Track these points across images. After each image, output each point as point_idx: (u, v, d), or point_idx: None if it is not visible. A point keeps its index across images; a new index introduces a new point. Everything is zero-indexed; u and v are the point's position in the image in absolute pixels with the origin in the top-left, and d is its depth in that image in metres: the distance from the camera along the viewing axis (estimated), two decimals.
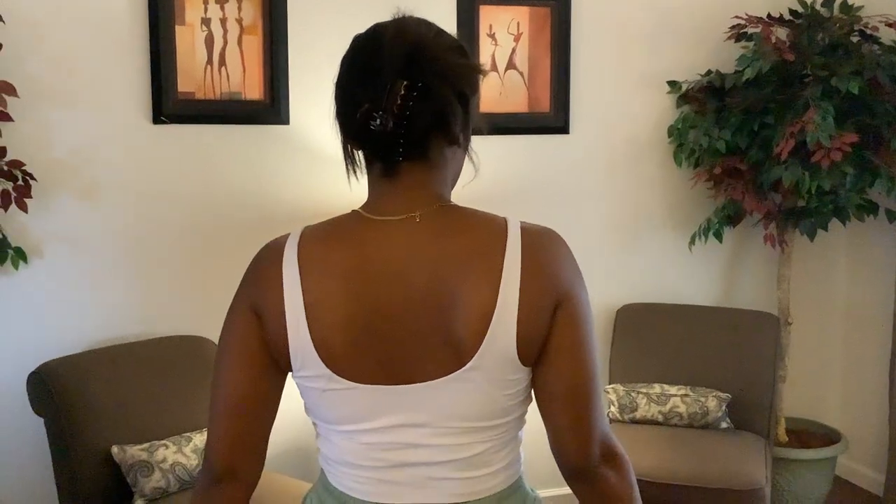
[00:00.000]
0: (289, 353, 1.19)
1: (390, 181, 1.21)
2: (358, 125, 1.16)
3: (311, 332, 1.17)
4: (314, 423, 1.30)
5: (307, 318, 1.17)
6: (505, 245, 1.16)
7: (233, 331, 1.24)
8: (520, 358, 1.16)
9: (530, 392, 1.23)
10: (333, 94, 1.25)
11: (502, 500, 1.25)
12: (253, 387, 1.23)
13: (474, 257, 1.16)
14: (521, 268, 1.15)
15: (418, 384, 1.18)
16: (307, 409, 1.28)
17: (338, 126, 1.25)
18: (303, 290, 1.18)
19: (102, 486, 2.63)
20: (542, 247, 1.19)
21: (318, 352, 1.17)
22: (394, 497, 1.23)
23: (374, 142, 1.17)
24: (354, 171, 1.26)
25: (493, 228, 1.19)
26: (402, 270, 1.17)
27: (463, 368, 1.16)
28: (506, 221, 1.20)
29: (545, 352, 1.18)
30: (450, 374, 1.16)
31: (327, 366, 1.18)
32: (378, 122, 1.13)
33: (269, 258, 1.24)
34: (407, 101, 1.13)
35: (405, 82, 1.13)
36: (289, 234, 1.24)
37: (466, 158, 1.30)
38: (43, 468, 2.78)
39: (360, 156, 1.25)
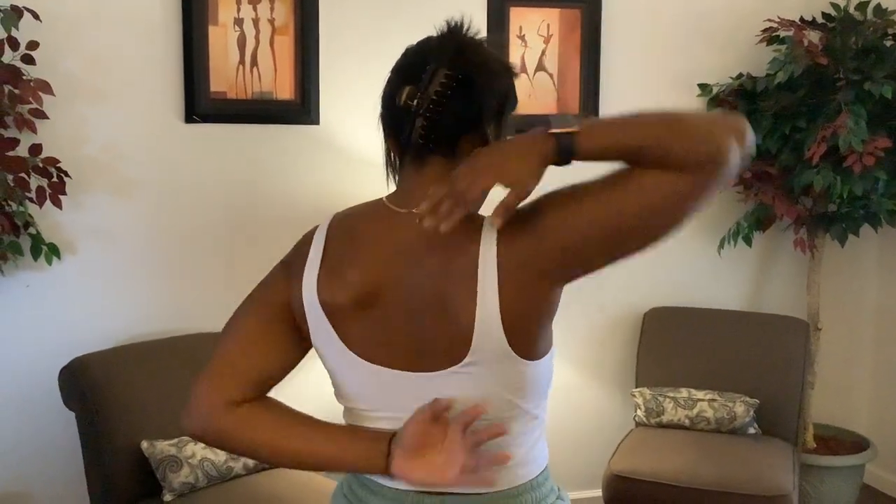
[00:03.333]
0: (305, 313, 1.26)
1: (418, 173, 1.25)
2: (398, 108, 1.20)
3: (319, 294, 1.24)
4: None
5: (318, 282, 1.24)
6: (480, 234, 1.17)
7: (262, 284, 1.35)
8: (513, 347, 1.17)
9: (541, 389, 1.24)
10: (381, 96, 1.28)
11: (523, 493, 1.26)
12: (262, 332, 1.30)
13: (457, 251, 1.18)
14: (497, 253, 1.15)
15: (422, 374, 1.21)
16: (333, 384, 1.33)
17: (381, 127, 1.29)
18: (322, 258, 1.25)
19: (132, 480, 2.66)
20: (517, 218, 1.16)
21: (326, 313, 1.24)
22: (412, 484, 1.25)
23: (408, 128, 1.20)
24: (394, 176, 1.31)
25: (471, 222, 1.19)
26: (408, 261, 1.21)
27: (460, 364, 1.18)
28: (483, 217, 1.21)
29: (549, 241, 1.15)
30: (449, 367, 1.19)
31: (337, 334, 1.24)
32: (415, 101, 1.18)
33: (305, 237, 1.32)
34: (446, 89, 1.18)
35: (448, 71, 1.18)
36: (318, 226, 1.32)
37: None
38: (73, 462, 2.81)
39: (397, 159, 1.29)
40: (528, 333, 1.18)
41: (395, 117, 1.23)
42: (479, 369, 1.18)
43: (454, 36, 1.22)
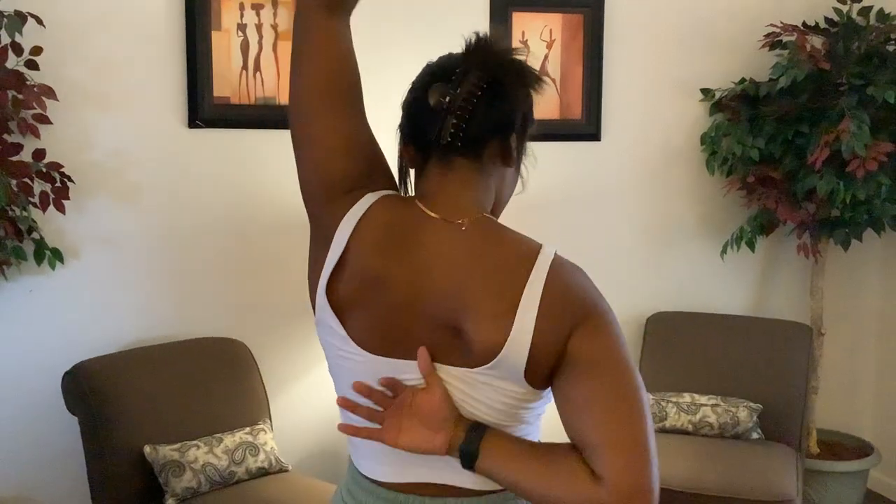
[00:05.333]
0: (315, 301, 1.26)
1: (443, 175, 1.25)
2: (425, 110, 1.21)
3: (328, 289, 1.23)
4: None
5: (333, 275, 1.22)
6: (532, 267, 1.17)
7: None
8: (527, 378, 1.18)
9: (536, 405, 1.24)
10: (403, 106, 1.29)
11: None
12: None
13: (500, 272, 1.18)
14: (543, 291, 1.16)
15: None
16: (329, 369, 1.33)
17: (399, 136, 1.30)
18: (345, 249, 1.22)
19: (135, 484, 2.66)
20: (567, 273, 1.20)
21: (333, 308, 1.23)
22: (410, 476, 1.26)
23: (437, 127, 1.21)
24: (405, 185, 1.32)
25: (524, 249, 1.21)
26: (433, 266, 1.21)
27: (472, 370, 1.19)
28: (540, 247, 1.21)
29: (570, 365, 1.16)
30: (456, 367, 1.20)
31: (342, 322, 1.23)
32: (447, 99, 1.19)
33: (352, 193, 1.26)
34: (477, 90, 1.20)
35: (480, 72, 1.20)
36: (368, 194, 1.26)
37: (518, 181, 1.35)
38: (76, 466, 2.81)
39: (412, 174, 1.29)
40: (545, 364, 1.17)
41: (419, 119, 1.23)
42: (487, 380, 1.19)
43: (486, 42, 1.24)
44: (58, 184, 2.78)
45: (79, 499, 2.89)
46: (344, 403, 1.25)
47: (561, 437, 1.19)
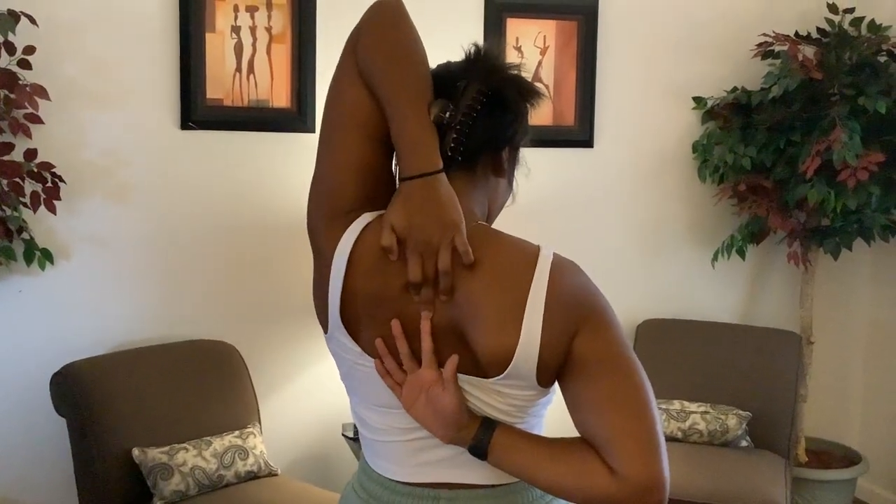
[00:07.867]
0: (327, 311, 1.25)
1: None
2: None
3: (342, 308, 1.23)
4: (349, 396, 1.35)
5: (342, 296, 1.22)
6: (534, 271, 1.17)
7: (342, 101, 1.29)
8: (538, 381, 1.19)
9: (545, 400, 1.26)
10: None
11: (530, 488, 1.28)
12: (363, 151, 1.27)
13: (502, 278, 1.18)
14: (546, 295, 1.16)
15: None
16: (342, 377, 1.34)
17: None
18: (346, 272, 1.22)
19: (123, 487, 2.65)
20: (568, 274, 1.20)
21: (346, 327, 1.24)
22: (424, 476, 1.27)
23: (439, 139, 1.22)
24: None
25: (524, 252, 1.21)
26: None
27: (486, 380, 1.20)
28: (538, 249, 1.21)
29: (577, 365, 1.17)
30: (468, 374, 1.21)
31: (355, 340, 1.24)
32: (447, 115, 1.20)
33: (351, 214, 1.26)
34: (477, 104, 1.21)
35: (480, 86, 1.22)
36: (365, 214, 1.25)
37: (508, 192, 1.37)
38: (64, 468, 2.79)
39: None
40: (554, 366, 1.18)
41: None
42: (499, 388, 1.20)
43: (487, 55, 1.26)
44: (49, 184, 2.77)
45: (66, 501, 2.87)
46: (381, 347, 1.23)
47: (559, 430, 1.21)
